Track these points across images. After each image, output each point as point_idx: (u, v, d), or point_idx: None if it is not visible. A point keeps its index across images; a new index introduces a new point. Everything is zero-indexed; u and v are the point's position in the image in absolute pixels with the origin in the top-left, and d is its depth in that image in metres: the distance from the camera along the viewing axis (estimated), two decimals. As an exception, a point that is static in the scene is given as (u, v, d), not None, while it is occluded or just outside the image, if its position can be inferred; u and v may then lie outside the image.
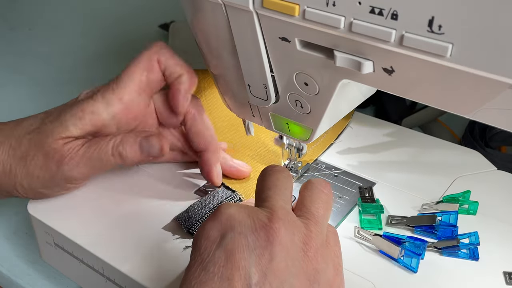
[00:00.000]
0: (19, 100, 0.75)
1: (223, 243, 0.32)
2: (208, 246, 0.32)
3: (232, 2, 0.35)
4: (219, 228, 0.33)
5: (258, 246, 0.32)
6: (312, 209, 0.36)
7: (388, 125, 0.57)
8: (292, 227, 0.33)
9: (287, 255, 0.32)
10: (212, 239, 0.32)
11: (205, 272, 0.31)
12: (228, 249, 0.31)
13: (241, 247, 0.31)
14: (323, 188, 0.37)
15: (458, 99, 0.32)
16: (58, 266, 0.49)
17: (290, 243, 0.32)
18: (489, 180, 0.50)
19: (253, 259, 0.31)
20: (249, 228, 0.32)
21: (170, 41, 0.75)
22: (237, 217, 0.33)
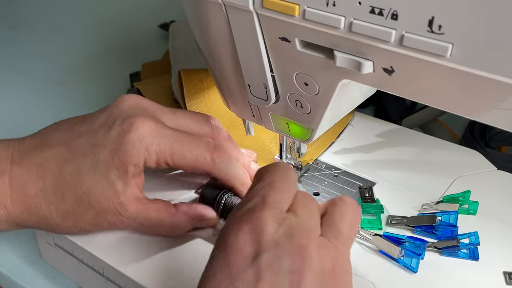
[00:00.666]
0: (19, 100, 0.75)
1: (257, 262, 0.31)
2: (239, 260, 0.31)
3: (232, 2, 0.35)
4: (255, 245, 0.31)
5: (291, 270, 0.31)
6: (341, 228, 0.34)
7: (388, 125, 0.57)
8: (324, 252, 0.32)
9: (315, 281, 0.31)
10: (245, 254, 0.31)
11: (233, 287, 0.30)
12: (260, 270, 0.30)
13: (274, 270, 0.30)
14: (353, 207, 0.36)
15: (458, 99, 0.32)
16: (58, 266, 0.49)
17: (321, 270, 0.31)
18: (489, 180, 0.50)
19: (285, 283, 0.30)
20: (285, 252, 0.31)
21: (170, 41, 0.75)
22: (274, 236, 0.32)
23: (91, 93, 0.76)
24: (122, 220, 0.41)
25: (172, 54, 0.72)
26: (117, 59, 0.84)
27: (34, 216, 0.41)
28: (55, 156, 0.41)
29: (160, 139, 0.41)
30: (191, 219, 0.43)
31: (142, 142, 0.40)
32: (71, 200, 0.41)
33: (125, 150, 0.40)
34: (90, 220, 0.41)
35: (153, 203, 0.42)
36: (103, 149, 0.41)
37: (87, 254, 0.43)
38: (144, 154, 0.40)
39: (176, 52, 0.72)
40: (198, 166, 0.43)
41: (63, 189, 0.41)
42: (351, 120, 0.57)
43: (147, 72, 0.74)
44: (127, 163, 0.40)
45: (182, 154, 0.42)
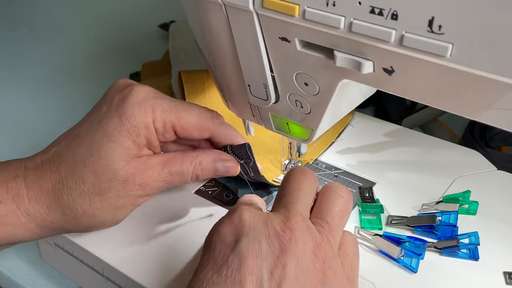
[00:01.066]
0: (19, 100, 0.75)
1: (237, 247, 0.32)
2: (222, 249, 0.33)
3: (232, 2, 0.35)
4: (234, 232, 0.33)
5: (270, 254, 0.32)
6: (327, 216, 0.36)
7: (388, 125, 0.57)
8: (305, 237, 0.33)
9: (297, 264, 0.32)
10: (227, 242, 0.33)
11: (218, 275, 0.32)
12: (242, 254, 0.32)
13: (254, 252, 0.32)
14: (342, 194, 0.37)
15: (458, 99, 0.32)
16: (58, 266, 0.49)
17: (301, 253, 0.32)
18: (489, 180, 0.50)
19: (266, 265, 0.32)
20: (262, 235, 0.33)
21: (170, 41, 0.75)
22: (252, 222, 0.33)
23: (91, 93, 0.76)
24: (151, 177, 0.40)
25: (172, 54, 0.72)
26: (117, 59, 0.84)
27: (59, 210, 0.40)
28: (65, 146, 0.41)
29: (163, 100, 0.41)
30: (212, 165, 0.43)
31: (146, 101, 0.40)
32: (92, 178, 0.39)
33: (131, 112, 0.40)
34: (120, 191, 0.40)
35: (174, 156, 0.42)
36: (110, 119, 0.40)
37: (87, 254, 0.43)
38: (151, 113, 0.40)
39: (176, 52, 0.72)
40: (202, 126, 0.43)
41: (81, 171, 0.40)
42: (351, 120, 0.57)
43: (147, 72, 0.74)
44: (138, 125, 0.40)
45: (187, 114, 0.42)
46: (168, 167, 0.41)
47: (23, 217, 0.39)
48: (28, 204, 0.40)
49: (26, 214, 0.39)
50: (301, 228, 0.33)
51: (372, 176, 0.50)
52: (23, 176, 0.40)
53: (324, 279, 0.33)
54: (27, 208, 0.40)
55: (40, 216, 0.40)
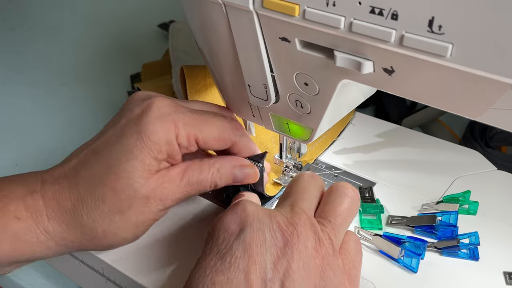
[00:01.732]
0: (19, 100, 0.75)
1: (242, 235, 0.33)
2: (226, 237, 0.33)
3: (232, 2, 0.35)
4: (238, 222, 0.34)
5: (274, 245, 0.33)
6: (330, 216, 0.36)
7: (388, 125, 0.57)
8: (307, 233, 0.34)
9: (299, 258, 0.33)
10: (231, 231, 0.34)
11: (222, 262, 0.32)
12: (246, 242, 0.33)
13: (258, 242, 0.33)
14: (348, 193, 0.38)
15: (458, 99, 0.32)
16: (58, 267, 0.49)
17: (303, 248, 0.33)
18: (489, 180, 0.50)
19: (269, 256, 0.32)
20: (267, 227, 0.33)
21: (170, 41, 0.75)
22: (256, 215, 0.34)
23: (91, 93, 0.76)
24: (171, 191, 0.39)
25: (173, 55, 0.72)
26: (117, 59, 0.84)
27: (78, 229, 0.38)
28: (83, 162, 0.39)
29: (184, 114, 0.40)
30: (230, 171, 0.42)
31: (168, 116, 0.39)
32: (112, 197, 0.38)
33: (152, 129, 0.38)
34: (140, 209, 0.38)
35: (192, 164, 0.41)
36: (130, 136, 0.38)
37: (87, 254, 0.43)
38: (173, 129, 0.39)
39: (176, 53, 0.72)
40: (224, 139, 0.42)
41: (100, 190, 0.38)
42: (352, 119, 0.57)
43: (147, 73, 0.74)
44: (160, 142, 0.38)
45: (209, 127, 0.41)
46: (186, 177, 0.40)
47: (42, 235, 0.38)
48: (47, 222, 0.38)
49: (45, 232, 0.38)
50: (304, 224, 0.34)
51: (372, 176, 0.50)
52: (41, 192, 0.39)
53: (322, 275, 0.33)
54: (46, 226, 0.38)
55: (59, 235, 0.38)
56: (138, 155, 0.38)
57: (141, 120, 0.38)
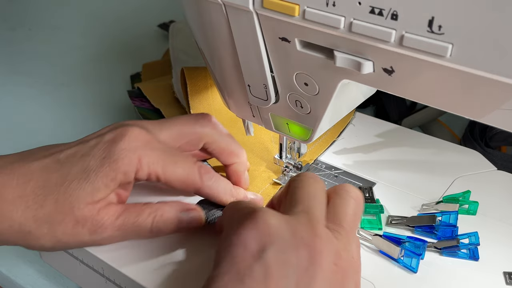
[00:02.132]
0: (19, 100, 0.75)
1: (263, 257, 0.30)
2: (246, 257, 0.31)
3: (232, 2, 0.35)
4: (259, 239, 0.31)
5: (299, 267, 0.31)
6: (343, 222, 0.35)
7: (388, 125, 0.57)
8: (331, 247, 0.32)
9: (323, 276, 0.31)
10: (251, 250, 0.31)
11: (242, 285, 0.30)
12: (268, 265, 0.30)
13: (281, 265, 0.30)
14: (353, 196, 0.37)
15: (458, 99, 0.32)
16: (58, 267, 0.49)
17: (327, 265, 0.32)
18: (489, 180, 0.50)
19: (293, 279, 0.30)
20: (291, 246, 0.31)
21: (170, 41, 0.75)
22: (278, 229, 0.32)
23: (91, 94, 0.76)
24: (102, 226, 0.39)
25: (173, 55, 0.72)
26: (117, 59, 0.84)
27: (6, 222, 0.39)
28: (42, 167, 0.40)
29: (152, 151, 0.40)
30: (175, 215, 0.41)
31: (134, 151, 0.39)
32: (51, 206, 0.39)
33: (116, 158, 0.39)
34: (69, 229, 0.39)
35: (133, 206, 0.41)
36: (93, 158, 0.40)
37: (87, 254, 0.43)
38: (136, 164, 0.39)
39: (176, 53, 0.72)
40: (188, 182, 0.42)
41: (45, 196, 0.39)
42: (352, 119, 0.57)
43: (147, 73, 0.74)
44: (117, 170, 0.39)
45: (173, 168, 0.41)
46: (122, 217, 0.40)
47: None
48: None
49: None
50: (326, 238, 0.32)
51: (372, 176, 0.50)
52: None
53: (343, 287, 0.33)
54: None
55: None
56: (91, 177, 0.39)
57: (109, 147, 0.40)
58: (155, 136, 0.42)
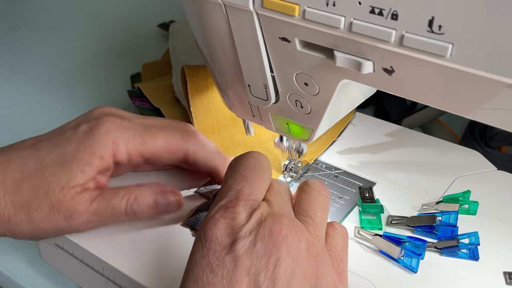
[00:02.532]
0: (19, 100, 0.75)
1: (233, 249, 0.32)
2: (217, 250, 0.32)
3: (232, 2, 0.35)
4: (230, 234, 0.33)
5: (266, 253, 0.32)
6: (310, 212, 0.36)
7: (388, 125, 0.57)
8: (298, 233, 0.33)
9: (292, 261, 0.32)
10: (223, 245, 0.33)
11: (214, 275, 0.32)
12: (238, 255, 0.32)
13: (250, 253, 0.32)
14: (320, 190, 0.37)
15: (458, 99, 0.32)
16: (58, 267, 0.49)
17: (296, 250, 0.33)
18: (489, 180, 0.50)
19: (262, 265, 0.32)
20: (257, 235, 0.32)
21: (170, 42, 0.75)
22: (248, 224, 0.33)
23: (91, 93, 0.76)
24: (77, 212, 0.40)
25: (173, 55, 0.72)
26: (117, 59, 0.84)
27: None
28: (22, 155, 0.41)
29: (128, 130, 0.42)
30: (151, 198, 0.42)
31: (107, 134, 0.41)
32: (28, 191, 0.40)
33: (91, 143, 0.40)
34: (45, 214, 0.40)
35: (109, 190, 0.41)
36: (68, 144, 0.41)
37: (87, 254, 0.43)
38: (111, 146, 0.41)
39: (176, 53, 0.72)
40: (171, 149, 0.43)
41: (22, 181, 0.40)
42: (352, 119, 0.57)
43: (147, 73, 0.74)
44: (93, 155, 0.40)
45: (152, 139, 0.42)
46: (97, 201, 0.40)
47: None
48: None
49: None
50: (293, 225, 0.33)
51: (372, 176, 0.50)
52: None
53: (318, 274, 0.33)
54: None
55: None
56: (67, 163, 0.40)
57: (84, 135, 0.41)
58: (129, 120, 0.43)
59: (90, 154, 0.40)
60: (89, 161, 0.40)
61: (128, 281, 0.41)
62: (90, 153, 0.40)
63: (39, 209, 0.40)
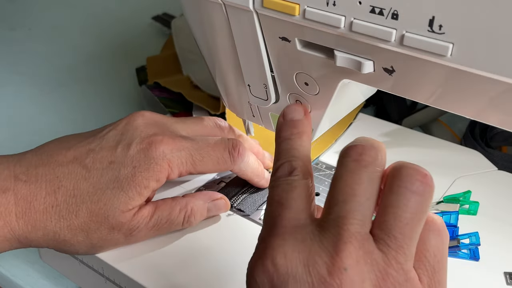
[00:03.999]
0: (19, 100, 0.75)
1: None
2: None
3: (232, 2, 0.35)
4: (270, 281, 0.27)
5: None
6: (394, 230, 0.27)
7: (388, 125, 0.57)
8: (362, 272, 0.26)
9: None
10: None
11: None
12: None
13: None
14: (414, 188, 0.28)
15: (459, 99, 0.32)
16: (58, 267, 0.48)
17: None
18: (489, 180, 0.49)
19: None
20: (305, 285, 0.27)
21: (175, 41, 0.75)
22: (289, 268, 0.27)
23: (91, 93, 0.76)
24: (137, 229, 0.41)
25: (181, 55, 0.72)
26: (116, 57, 0.84)
27: (40, 231, 0.40)
28: (68, 173, 0.41)
29: (180, 152, 0.42)
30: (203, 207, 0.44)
31: (164, 158, 0.41)
32: (85, 216, 0.40)
33: (147, 167, 0.40)
34: (103, 235, 0.40)
35: (163, 203, 0.43)
36: (123, 167, 0.40)
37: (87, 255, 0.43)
38: (167, 169, 0.41)
39: (183, 53, 0.72)
40: (219, 168, 0.44)
41: (77, 206, 0.40)
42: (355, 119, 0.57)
43: (152, 66, 0.73)
44: (150, 179, 0.40)
45: (202, 161, 0.43)
46: (155, 217, 0.41)
47: (9, 234, 0.39)
48: (15, 222, 0.39)
49: (11, 230, 0.39)
50: (357, 261, 0.26)
51: (372, 176, 0.50)
52: (13, 190, 0.40)
53: None
54: (13, 225, 0.39)
55: (23, 234, 0.40)
56: (125, 187, 0.40)
57: (138, 156, 0.41)
58: (179, 136, 0.43)
59: (147, 178, 0.40)
60: (147, 185, 0.40)
61: (128, 281, 0.41)
62: (147, 177, 0.40)
63: (98, 231, 0.40)
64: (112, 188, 0.40)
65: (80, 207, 0.40)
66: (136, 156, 0.41)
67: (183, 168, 0.42)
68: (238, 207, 0.46)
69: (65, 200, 0.40)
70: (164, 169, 0.41)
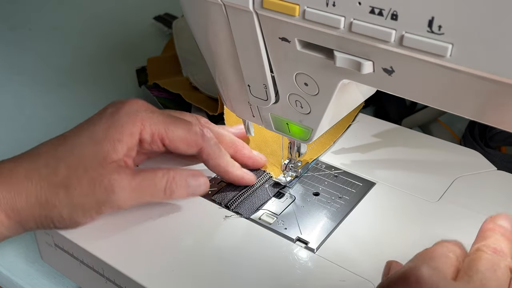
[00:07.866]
0: (19, 100, 0.75)
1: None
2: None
3: (232, 2, 0.35)
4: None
5: None
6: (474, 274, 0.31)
7: (388, 125, 0.57)
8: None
9: None
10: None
11: None
12: None
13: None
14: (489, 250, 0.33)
15: (458, 99, 0.32)
16: (58, 267, 0.49)
17: None
18: (489, 180, 0.50)
19: None
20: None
21: (176, 42, 0.75)
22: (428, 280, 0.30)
23: (91, 93, 0.76)
24: (120, 185, 0.41)
25: (181, 56, 0.72)
26: (117, 57, 0.84)
27: (23, 194, 0.41)
28: (49, 143, 0.43)
29: (153, 114, 0.44)
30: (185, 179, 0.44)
31: (136, 114, 0.43)
32: (64, 171, 0.41)
33: (120, 122, 0.42)
34: (84, 188, 0.41)
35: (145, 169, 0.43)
36: (97, 126, 0.42)
37: (87, 255, 0.43)
38: (139, 125, 0.42)
39: (183, 54, 0.72)
40: (189, 141, 0.45)
41: (56, 163, 0.41)
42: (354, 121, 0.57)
43: (153, 67, 0.74)
44: (123, 133, 0.42)
45: (174, 125, 0.44)
46: (139, 178, 0.42)
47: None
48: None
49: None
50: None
51: (372, 176, 0.50)
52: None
53: None
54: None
55: (8, 203, 0.41)
56: (101, 142, 0.42)
57: (112, 116, 0.43)
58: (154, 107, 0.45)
59: (120, 131, 0.42)
60: (120, 138, 0.42)
61: (128, 281, 0.41)
62: (120, 131, 0.42)
63: (78, 186, 0.41)
64: (88, 144, 0.42)
65: (58, 164, 0.41)
66: (110, 115, 0.43)
67: (155, 128, 0.43)
68: (236, 210, 0.46)
69: (45, 162, 0.42)
70: (136, 125, 0.42)
